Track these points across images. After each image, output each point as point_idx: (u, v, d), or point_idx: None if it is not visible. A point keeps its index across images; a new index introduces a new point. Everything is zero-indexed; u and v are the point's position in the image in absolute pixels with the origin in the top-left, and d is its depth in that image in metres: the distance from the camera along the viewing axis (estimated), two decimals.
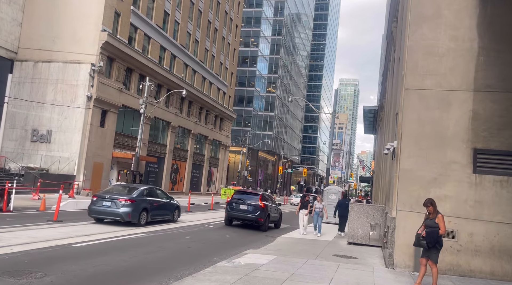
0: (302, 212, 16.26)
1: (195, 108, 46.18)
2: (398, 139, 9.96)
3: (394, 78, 13.90)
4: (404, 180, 9.79)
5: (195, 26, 44.87)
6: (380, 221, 13.95)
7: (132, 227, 13.72)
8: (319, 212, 16.50)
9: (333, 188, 25.08)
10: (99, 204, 14.10)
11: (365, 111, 41.72)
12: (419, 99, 9.84)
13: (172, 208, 17.05)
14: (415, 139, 9.78)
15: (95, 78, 28.98)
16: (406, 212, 9.69)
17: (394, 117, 12.68)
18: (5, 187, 15.18)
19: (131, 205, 13.97)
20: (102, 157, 30.49)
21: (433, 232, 7.60)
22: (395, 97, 13.02)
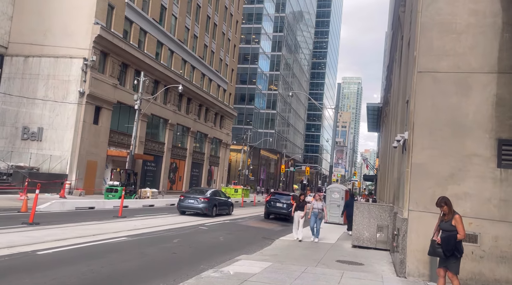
0: (298, 214, 14.02)
1: (194, 106, 45.00)
2: (409, 130, 8.72)
3: (403, 65, 12.65)
4: (417, 176, 8.55)
5: (193, 21, 43.68)
6: (387, 222, 12.71)
7: (207, 217, 19.35)
8: (317, 213, 14.02)
9: (336, 187, 23.83)
10: (185, 201, 20.04)
11: (368, 108, 40.52)
12: (433, 83, 8.60)
13: (229, 204, 23.01)
14: (430, 129, 8.54)
15: (87, 74, 27.83)
16: (420, 213, 8.46)
17: (403, 106, 11.44)
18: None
19: (207, 202, 19.88)
20: (96, 155, 29.36)
21: (450, 237, 6.37)
22: (404, 84, 11.78)
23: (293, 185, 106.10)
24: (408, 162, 8.68)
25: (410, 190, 8.61)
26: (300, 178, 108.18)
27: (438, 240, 6.47)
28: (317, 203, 14.25)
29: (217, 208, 20.86)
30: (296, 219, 14.08)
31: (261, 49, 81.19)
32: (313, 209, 14.11)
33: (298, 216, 14.03)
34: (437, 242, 6.48)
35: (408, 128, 8.90)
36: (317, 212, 14.06)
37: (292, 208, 14.75)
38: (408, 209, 8.58)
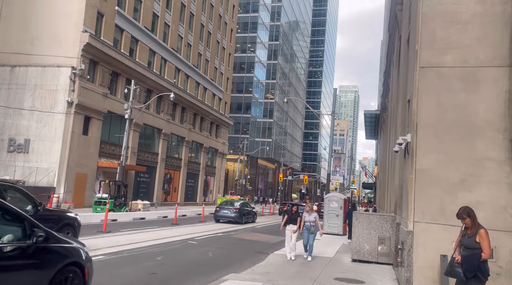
0: (290, 228, 12.22)
1: (189, 115, 44.15)
2: (412, 131, 7.83)
3: (402, 65, 11.81)
4: (422, 183, 7.64)
5: (186, 29, 43.04)
6: (390, 233, 11.75)
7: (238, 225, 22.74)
8: (309, 226, 12.16)
9: (334, 195, 22.87)
10: (220, 212, 24.19)
11: (366, 115, 39.83)
12: (438, 79, 7.73)
13: (254, 213, 26.81)
14: (435, 130, 7.65)
15: (76, 83, 26.98)
16: (427, 224, 7.52)
17: (404, 108, 10.57)
18: None
19: (237, 212, 23.87)
20: (85, 167, 28.37)
21: (473, 256, 5.42)
22: (404, 84, 10.93)
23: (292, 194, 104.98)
24: (411, 167, 7.77)
25: (414, 198, 7.68)
26: (299, 187, 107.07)
27: (458, 259, 5.49)
28: (309, 215, 12.35)
29: (245, 217, 24.75)
30: (287, 234, 12.27)
31: (257, 58, 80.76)
32: (304, 222, 12.26)
33: (289, 231, 12.20)
34: (457, 260, 5.50)
35: (410, 130, 8.01)
36: (309, 226, 12.19)
37: (283, 221, 12.68)
38: (413, 220, 7.65)
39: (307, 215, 12.36)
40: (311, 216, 12.35)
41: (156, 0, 36.99)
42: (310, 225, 12.22)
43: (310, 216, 12.36)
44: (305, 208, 12.61)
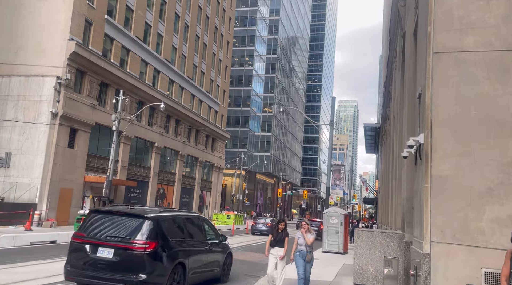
0: (274, 252, 9.22)
1: (184, 128, 42.80)
2: (426, 131, 6.41)
3: (408, 62, 10.45)
4: (441, 194, 6.18)
5: (181, 40, 42.03)
6: (397, 254, 10.21)
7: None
8: (305, 253, 8.99)
9: (334, 211, 21.31)
10: (256, 226, 31.20)
11: (366, 129, 38.62)
12: (456, 67, 6.34)
13: None
14: (454, 129, 6.22)
15: (61, 93, 25.67)
16: (448, 246, 6.03)
17: (412, 106, 9.18)
18: None
19: (270, 227, 28.08)
20: (71, 182, 26.84)
21: None
22: (411, 80, 9.55)
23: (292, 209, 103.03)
24: (426, 175, 6.31)
25: (431, 213, 6.20)
26: (299, 202, 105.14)
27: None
28: (303, 236, 9.12)
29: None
30: (271, 260, 9.20)
31: (255, 71, 79.96)
32: (298, 245, 9.15)
33: (274, 256, 9.17)
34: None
35: (423, 130, 6.57)
36: (304, 252, 8.97)
37: (267, 243, 9.50)
38: (429, 240, 6.15)
39: (301, 236, 9.11)
40: (307, 237, 9.06)
41: (149, 10, 36.02)
42: (306, 250, 8.99)
43: (304, 237, 9.09)
44: (302, 227, 9.24)
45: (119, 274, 7.17)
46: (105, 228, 7.70)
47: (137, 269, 7.20)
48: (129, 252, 7.32)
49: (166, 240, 7.81)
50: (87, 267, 7.34)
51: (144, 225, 7.64)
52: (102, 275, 7.20)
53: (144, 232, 7.53)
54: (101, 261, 7.28)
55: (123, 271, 7.21)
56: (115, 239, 7.52)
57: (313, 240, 9.13)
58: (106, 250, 7.34)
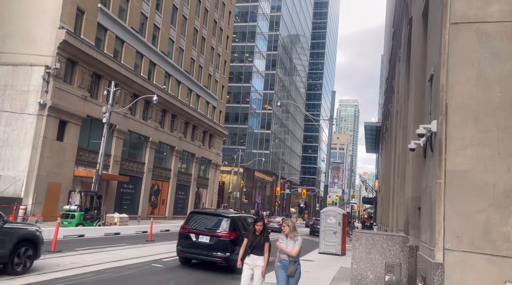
0: (250, 262, 7.11)
1: (180, 123, 41.76)
2: (440, 117, 5.37)
3: (416, 44, 9.41)
4: (457, 192, 5.15)
5: (178, 33, 40.95)
6: (400, 259, 9.19)
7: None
8: (287, 263, 6.98)
9: (332, 210, 20.29)
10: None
11: (366, 128, 37.71)
12: (478, 41, 5.30)
13: None
14: (475, 114, 5.19)
15: (50, 83, 24.64)
16: (465, 254, 5.01)
17: (419, 93, 8.15)
18: None
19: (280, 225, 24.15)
20: (59, 176, 25.83)
21: None
22: (420, 62, 8.52)
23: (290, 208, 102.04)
24: (439, 169, 5.28)
25: (445, 215, 5.18)
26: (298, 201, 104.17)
27: None
28: (289, 240, 7.05)
29: None
30: (245, 272, 7.10)
31: (255, 67, 78.86)
32: (280, 255, 7.13)
33: (249, 267, 7.07)
34: None
35: (436, 115, 5.54)
36: (287, 262, 6.95)
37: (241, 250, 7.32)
38: (443, 247, 5.13)
39: (284, 241, 7.05)
40: (291, 243, 6.97)
41: (145, 1, 34.95)
42: (289, 260, 6.93)
43: (290, 242, 6.99)
44: (283, 229, 7.22)
45: (213, 252, 11.34)
46: (202, 223, 12.01)
47: (224, 249, 11.34)
48: (219, 238, 11.47)
49: (239, 232, 11.75)
50: (192, 247, 11.54)
51: (227, 222, 11.78)
52: (202, 252, 11.45)
53: (227, 226, 11.67)
54: (201, 244, 11.50)
55: (215, 251, 11.34)
56: (210, 230, 11.69)
57: (298, 250, 6.90)
58: (205, 237, 11.58)
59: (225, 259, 11.27)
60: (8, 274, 8.58)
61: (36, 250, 9.27)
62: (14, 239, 8.64)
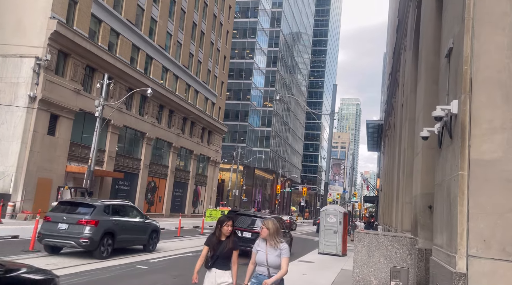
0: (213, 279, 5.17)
1: (178, 119, 40.83)
2: (463, 94, 4.44)
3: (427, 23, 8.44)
4: (484, 186, 4.22)
5: (176, 26, 39.99)
6: (408, 263, 8.26)
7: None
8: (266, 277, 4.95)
9: (332, 208, 19.36)
10: None
11: (368, 126, 36.87)
12: (510, 2, 4.36)
13: None
14: (506, 91, 4.26)
15: (40, 75, 23.72)
16: (493, 262, 4.07)
17: (430, 77, 7.21)
18: None
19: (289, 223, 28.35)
20: (50, 172, 24.94)
21: None
22: (432, 42, 7.58)
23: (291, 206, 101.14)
24: (462, 159, 4.34)
25: (468, 214, 4.24)
26: (298, 200, 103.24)
27: None
28: (269, 247, 5.02)
29: None
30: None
31: (256, 64, 77.88)
32: (256, 265, 5.11)
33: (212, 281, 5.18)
34: None
35: (458, 94, 4.60)
36: (265, 276, 4.98)
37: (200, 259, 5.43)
38: (466, 253, 4.20)
39: (263, 248, 5.05)
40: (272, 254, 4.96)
41: None
42: (269, 271, 4.95)
43: (271, 251, 4.98)
44: (261, 232, 5.18)
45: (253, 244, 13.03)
46: (245, 222, 15.91)
47: None
48: (257, 233, 13.28)
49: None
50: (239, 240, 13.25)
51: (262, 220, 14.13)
52: (248, 244, 11.86)
53: None
54: (245, 238, 14.71)
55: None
56: (251, 227, 15.50)
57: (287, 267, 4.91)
58: (248, 233, 15.18)
59: None
60: (146, 251, 14.10)
61: (157, 237, 14.91)
62: (149, 230, 14.25)
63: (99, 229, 11.44)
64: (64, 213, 11.72)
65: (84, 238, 11.10)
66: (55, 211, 12.10)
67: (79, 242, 11.15)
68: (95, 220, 11.45)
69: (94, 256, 11.43)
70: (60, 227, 11.32)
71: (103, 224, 11.61)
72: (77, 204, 12.33)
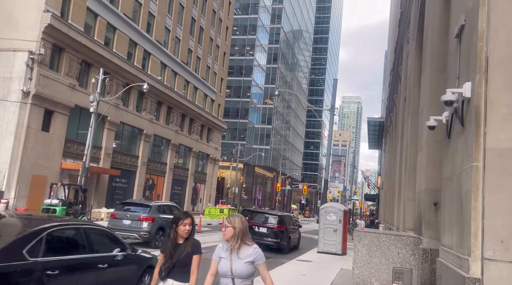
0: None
1: (176, 116, 40.31)
2: (478, 75, 3.89)
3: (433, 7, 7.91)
4: (502, 178, 3.69)
5: (175, 21, 39.42)
6: (411, 264, 7.74)
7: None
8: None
9: (332, 206, 18.84)
10: None
11: (369, 123, 36.43)
12: None
13: None
14: None
15: (34, 70, 23.21)
16: None
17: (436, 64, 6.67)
18: None
19: None
20: (45, 169, 24.45)
21: None
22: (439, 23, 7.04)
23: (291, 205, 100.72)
24: (476, 148, 3.81)
25: (484, 211, 3.71)
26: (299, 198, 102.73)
27: None
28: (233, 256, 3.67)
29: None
30: None
31: (256, 61, 77.23)
32: (220, 276, 3.72)
33: None
34: None
35: (471, 76, 4.06)
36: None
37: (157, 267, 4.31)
38: (481, 256, 3.67)
39: (226, 256, 3.70)
40: (238, 261, 3.64)
41: None
42: (234, 282, 3.63)
43: (237, 258, 3.65)
44: (224, 232, 3.77)
45: (269, 238, 16.85)
46: (261, 218, 18.07)
47: (277, 237, 17.07)
48: (273, 229, 17.20)
49: (287, 225, 17.84)
50: (255, 235, 16.01)
51: (278, 218, 17.84)
52: (263, 238, 16.37)
53: (278, 221, 17.54)
54: (261, 233, 17.01)
55: (271, 238, 16.96)
56: (267, 223, 17.55)
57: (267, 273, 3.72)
58: (264, 228, 17.29)
59: (277, 243, 17.08)
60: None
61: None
62: None
63: (155, 224, 14.54)
64: (127, 212, 14.91)
65: (144, 231, 14.19)
66: (119, 210, 15.31)
67: (140, 234, 14.13)
68: (152, 217, 14.53)
69: (150, 246, 13.73)
70: (125, 222, 14.46)
71: (157, 221, 14.71)
72: (137, 205, 15.52)
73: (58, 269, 4.98)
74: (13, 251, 4.57)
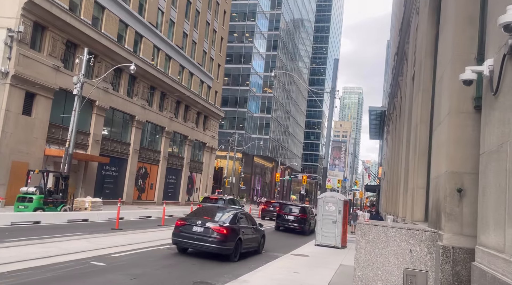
0: None
1: (170, 102, 38.75)
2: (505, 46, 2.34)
3: None
4: None
5: (169, 3, 37.65)
6: (427, 265, 6.29)
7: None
8: None
9: (331, 196, 17.41)
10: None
11: (371, 112, 35.14)
12: None
13: None
14: None
15: (13, 49, 21.63)
16: None
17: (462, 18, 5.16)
18: None
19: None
20: (27, 155, 23.00)
21: None
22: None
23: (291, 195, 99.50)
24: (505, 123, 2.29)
25: None
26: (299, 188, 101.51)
27: None
28: None
29: None
30: None
31: (255, 48, 75.37)
32: None
33: None
34: None
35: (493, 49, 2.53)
36: None
37: None
38: None
39: None
40: None
41: None
42: None
43: None
44: None
45: (295, 224, 22.95)
46: (289, 209, 23.94)
47: (300, 223, 23.03)
48: (300, 217, 23.12)
49: (308, 214, 23.96)
50: (284, 221, 23.11)
51: (301, 208, 24.20)
52: (291, 224, 22.98)
53: (301, 210, 23.72)
54: (290, 220, 23.14)
55: (298, 223, 22.95)
56: (292, 212, 23.53)
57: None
58: (292, 216, 23.28)
59: (301, 227, 22.73)
60: None
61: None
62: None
63: None
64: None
65: None
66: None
67: None
68: None
69: None
70: None
71: None
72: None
73: (243, 229, 12.55)
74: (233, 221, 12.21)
